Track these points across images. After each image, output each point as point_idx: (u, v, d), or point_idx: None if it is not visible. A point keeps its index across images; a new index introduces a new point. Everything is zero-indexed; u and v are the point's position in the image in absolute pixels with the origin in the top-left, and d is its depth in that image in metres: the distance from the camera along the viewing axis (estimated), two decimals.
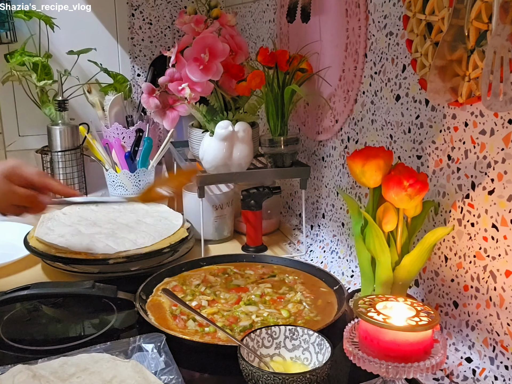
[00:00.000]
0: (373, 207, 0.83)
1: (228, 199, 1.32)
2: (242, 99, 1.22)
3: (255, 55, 1.21)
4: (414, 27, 0.81)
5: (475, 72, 0.70)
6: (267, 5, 1.46)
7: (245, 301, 0.95)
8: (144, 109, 1.64)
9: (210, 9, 1.21)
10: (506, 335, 0.72)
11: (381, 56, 0.95)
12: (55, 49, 1.73)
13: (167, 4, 1.86)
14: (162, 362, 0.75)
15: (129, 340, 0.79)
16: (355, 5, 1.00)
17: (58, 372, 0.72)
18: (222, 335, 0.84)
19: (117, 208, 1.33)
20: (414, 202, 0.76)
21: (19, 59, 1.58)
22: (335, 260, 1.16)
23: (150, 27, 1.86)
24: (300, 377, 0.67)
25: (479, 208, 0.75)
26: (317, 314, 0.91)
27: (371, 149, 0.81)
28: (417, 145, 0.87)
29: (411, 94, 0.87)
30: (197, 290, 1.00)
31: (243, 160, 1.16)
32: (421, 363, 0.63)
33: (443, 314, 0.85)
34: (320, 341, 0.75)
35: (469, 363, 0.78)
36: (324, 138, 1.19)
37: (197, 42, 1.12)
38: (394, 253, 0.79)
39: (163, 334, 0.80)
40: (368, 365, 0.65)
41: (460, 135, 0.78)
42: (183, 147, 1.45)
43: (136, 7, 1.83)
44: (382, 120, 0.96)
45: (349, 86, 1.06)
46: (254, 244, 1.26)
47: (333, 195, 1.18)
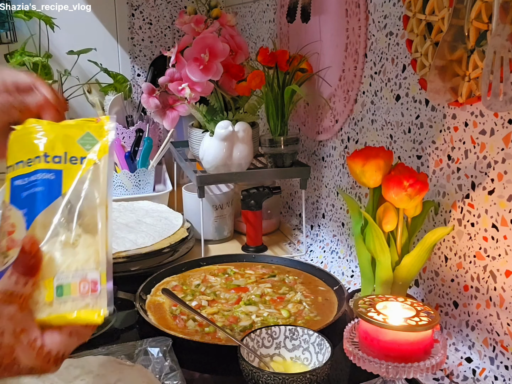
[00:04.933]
0: (373, 207, 0.82)
1: (228, 199, 1.32)
2: (242, 99, 1.22)
3: (255, 55, 1.21)
4: (414, 27, 0.81)
5: (475, 72, 0.70)
6: (267, 5, 1.46)
7: (245, 301, 0.95)
8: (144, 109, 1.64)
9: (210, 9, 1.21)
10: (506, 335, 0.72)
11: (381, 56, 0.95)
12: (55, 49, 1.73)
13: (167, 4, 1.86)
14: (167, 366, 0.74)
15: (135, 343, 0.79)
16: (355, 5, 1.00)
17: (63, 373, 0.72)
18: (222, 335, 0.84)
19: (117, 208, 1.33)
20: (414, 202, 0.76)
21: (19, 59, 1.58)
22: (335, 260, 1.16)
23: (150, 27, 1.86)
24: (300, 377, 0.67)
25: (479, 208, 0.75)
26: (317, 314, 0.91)
27: (371, 149, 0.81)
28: (417, 145, 0.87)
29: (411, 94, 0.87)
30: (197, 290, 1.00)
31: (243, 160, 1.16)
32: (421, 363, 0.63)
33: (443, 314, 0.85)
34: (320, 341, 0.75)
35: (469, 363, 0.78)
36: (324, 138, 1.19)
37: (197, 42, 1.12)
38: (394, 253, 0.79)
39: (170, 338, 0.79)
40: (368, 365, 0.65)
41: (460, 135, 0.78)
42: (183, 147, 1.45)
43: (136, 7, 1.82)
44: (382, 120, 0.96)
45: (349, 86, 1.06)
46: (254, 244, 1.26)
47: (333, 195, 1.18)
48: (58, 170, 0.51)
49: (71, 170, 0.51)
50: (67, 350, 0.49)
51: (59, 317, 0.47)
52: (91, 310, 0.47)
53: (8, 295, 0.47)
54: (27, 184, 0.51)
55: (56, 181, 0.51)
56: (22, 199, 0.51)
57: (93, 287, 0.48)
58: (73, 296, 0.47)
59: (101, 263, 0.49)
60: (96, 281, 0.48)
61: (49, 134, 0.53)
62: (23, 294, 0.47)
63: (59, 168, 0.51)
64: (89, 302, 0.47)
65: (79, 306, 0.47)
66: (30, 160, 0.52)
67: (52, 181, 0.51)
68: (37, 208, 0.50)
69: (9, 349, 0.46)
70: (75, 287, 0.47)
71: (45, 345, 0.47)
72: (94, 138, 0.53)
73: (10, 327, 0.46)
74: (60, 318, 0.47)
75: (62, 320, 0.47)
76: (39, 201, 0.50)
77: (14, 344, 0.46)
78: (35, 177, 0.51)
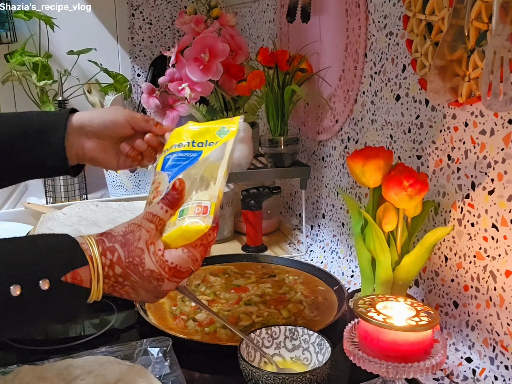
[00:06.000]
0: (373, 207, 0.82)
1: (228, 199, 1.32)
2: (242, 99, 1.22)
3: (255, 55, 1.21)
4: (414, 27, 0.81)
5: (475, 72, 0.70)
6: (267, 5, 1.46)
7: (245, 301, 0.95)
8: (144, 109, 1.64)
9: (210, 9, 1.21)
10: (506, 335, 0.72)
11: (381, 56, 0.95)
12: (55, 49, 1.73)
13: (167, 4, 1.86)
14: (167, 366, 0.74)
15: (135, 343, 0.79)
16: (355, 5, 1.00)
17: (63, 373, 0.72)
18: (222, 335, 0.84)
19: (117, 208, 1.33)
20: (414, 202, 0.76)
21: (19, 59, 1.58)
22: (335, 260, 1.16)
23: (150, 27, 1.86)
24: (300, 377, 0.67)
25: (479, 208, 0.75)
26: (317, 314, 0.91)
27: (371, 149, 0.81)
28: (417, 145, 0.87)
29: (411, 94, 0.87)
30: (197, 290, 1.00)
31: (243, 160, 1.16)
32: (421, 363, 0.63)
33: (443, 314, 0.85)
34: (320, 341, 0.75)
35: (469, 363, 0.78)
36: (324, 138, 1.19)
37: (197, 42, 1.12)
38: (394, 253, 0.79)
39: (170, 338, 0.79)
40: (368, 365, 0.65)
41: (460, 135, 0.78)
42: None
43: (136, 7, 1.83)
44: (382, 120, 0.96)
45: (349, 86, 1.06)
46: (254, 244, 1.26)
47: (333, 195, 1.18)
48: (199, 151, 0.71)
49: (209, 150, 0.71)
50: (180, 264, 0.63)
51: (177, 230, 0.63)
52: (200, 224, 0.63)
53: (152, 215, 0.64)
54: (175, 158, 0.72)
55: (197, 158, 0.70)
56: (168, 166, 0.71)
57: (204, 210, 0.64)
58: (190, 215, 0.64)
59: (213, 197, 0.65)
60: (207, 206, 0.64)
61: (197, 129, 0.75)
62: (162, 219, 0.64)
63: (200, 149, 0.72)
64: (199, 219, 0.63)
65: (192, 221, 0.63)
66: (181, 144, 0.73)
67: (194, 158, 0.71)
68: (180, 169, 0.69)
69: (140, 252, 0.62)
70: (192, 209, 0.64)
71: (164, 255, 0.62)
72: (227, 129, 0.73)
73: (145, 237, 0.62)
74: (177, 230, 0.63)
75: (178, 231, 0.63)
76: (182, 168, 0.70)
77: (144, 249, 0.62)
78: (182, 154, 0.72)
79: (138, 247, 0.62)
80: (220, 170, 0.69)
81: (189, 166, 0.70)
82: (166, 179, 0.70)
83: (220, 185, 0.67)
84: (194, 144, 0.73)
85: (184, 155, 0.72)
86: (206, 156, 0.70)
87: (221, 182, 0.67)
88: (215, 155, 0.70)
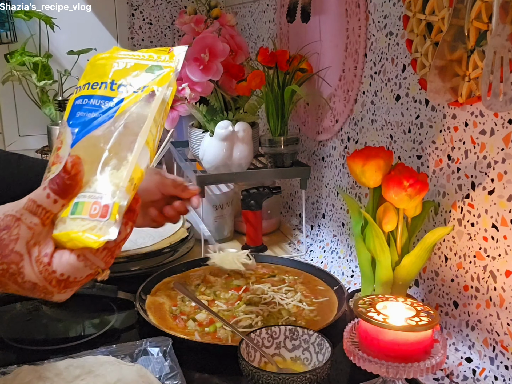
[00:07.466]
0: (373, 207, 0.82)
1: (228, 199, 1.32)
2: (242, 99, 1.22)
3: (255, 55, 1.21)
4: (414, 27, 0.81)
5: (475, 72, 0.70)
6: (267, 5, 1.46)
7: (245, 301, 0.95)
8: None
9: (210, 9, 1.21)
10: (506, 335, 0.72)
11: (381, 56, 0.95)
12: (55, 49, 1.73)
13: (167, 4, 1.86)
14: (167, 366, 0.74)
15: (135, 343, 0.79)
16: (355, 5, 1.00)
17: (63, 373, 0.72)
18: (222, 335, 0.84)
19: None
20: (414, 202, 0.76)
21: (19, 59, 1.58)
22: (335, 260, 1.16)
23: (150, 27, 1.86)
24: (300, 377, 0.67)
25: (479, 208, 0.75)
26: (317, 314, 0.91)
27: (371, 149, 0.81)
28: (417, 145, 0.87)
29: (411, 94, 0.87)
30: (197, 290, 1.00)
31: (243, 160, 1.16)
32: (421, 363, 0.63)
33: (443, 314, 0.85)
34: (320, 341, 0.75)
35: (469, 363, 0.78)
36: (324, 138, 1.19)
37: (197, 42, 1.12)
38: (394, 253, 0.79)
39: (170, 338, 0.79)
40: (368, 365, 0.65)
41: (460, 135, 0.78)
42: (183, 147, 1.45)
43: (136, 7, 1.83)
44: (382, 120, 0.96)
45: (349, 86, 1.06)
46: (254, 244, 1.26)
47: (333, 195, 1.18)
48: (119, 100, 0.49)
49: (130, 101, 0.49)
50: (73, 276, 0.47)
51: (66, 234, 0.46)
52: (91, 239, 0.45)
53: (36, 206, 0.46)
54: (85, 105, 0.50)
55: (113, 112, 0.49)
56: (76, 118, 0.50)
57: (103, 212, 0.46)
58: (83, 216, 0.46)
59: (119, 191, 0.46)
60: (107, 206, 0.46)
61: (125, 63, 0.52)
62: (50, 211, 0.47)
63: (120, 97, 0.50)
64: (92, 233, 0.45)
65: (83, 230, 0.45)
66: (96, 84, 0.51)
67: (107, 111, 0.49)
68: (88, 130, 0.48)
69: (18, 257, 0.46)
70: (88, 207, 0.46)
71: (52, 263, 0.46)
72: (161, 67, 0.51)
73: (26, 236, 0.46)
74: (67, 235, 0.46)
75: (67, 237, 0.46)
76: (91, 123, 0.49)
77: (24, 253, 0.46)
78: (94, 101, 0.50)
79: (15, 251, 0.46)
80: (137, 143, 0.48)
81: (98, 127, 0.49)
82: (69, 141, 0.49)
83: (132, 167, 0.47)
84: (113, 85, 0.50)
85: (96, 103, 0.50)
86: (124, 110, 0.49)
87: (134, 163, 0.47)
88: (137, 111, 0.49)
